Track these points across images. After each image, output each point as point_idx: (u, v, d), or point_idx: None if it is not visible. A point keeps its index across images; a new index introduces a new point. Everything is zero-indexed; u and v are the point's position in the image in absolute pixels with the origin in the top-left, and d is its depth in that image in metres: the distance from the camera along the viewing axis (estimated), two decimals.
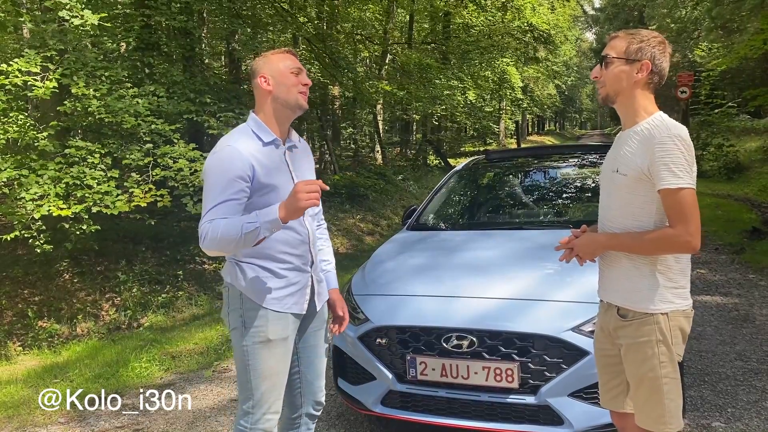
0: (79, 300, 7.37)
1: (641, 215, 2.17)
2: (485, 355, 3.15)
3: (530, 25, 23.73)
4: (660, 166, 2.05)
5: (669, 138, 2.05)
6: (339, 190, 13.46)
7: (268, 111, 2.43)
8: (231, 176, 2.27)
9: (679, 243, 2.08)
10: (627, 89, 2.20)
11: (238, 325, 2.43)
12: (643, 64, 2.16)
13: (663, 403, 2.16)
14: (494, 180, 5.54)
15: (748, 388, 4.03)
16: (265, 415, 2.43)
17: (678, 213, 2.06)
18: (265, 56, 2.46)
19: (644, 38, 2.18)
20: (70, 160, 6.09)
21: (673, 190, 2.05)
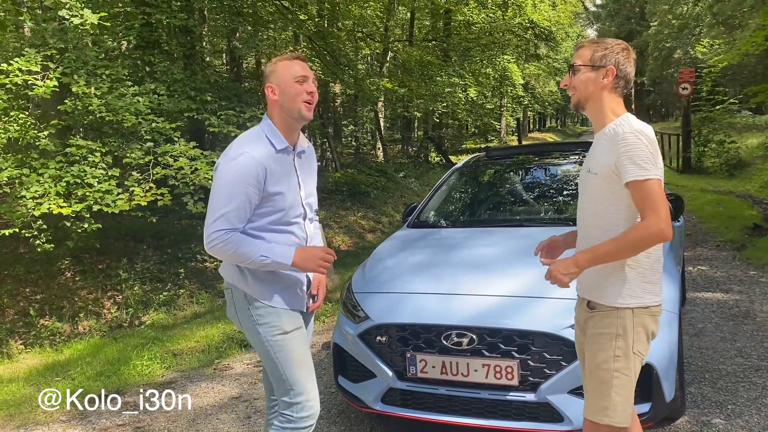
0: (80, 298, 7.38)
1: (613, 213, 2.24)
2: (485, 352, 3.15)
3: (531, 22, 23.71)
4: (625, 160, 2.14)
5: (631, 133, 2.14)
6: (340, 188, 13.46)
7: (278, 119, 2.48)
8: (246, 184, 2.33)
9: (653, 234, 2.11)
10: (595, 94, 2.31)
11: (251, 325, 2.48)
12: (608, 70, 2.27)
13: (610, 396, 2.23)
14: (495, 177, 5.53)
15: (749, 385, 4.03)
16: (308, 402, 2.50)
17: (648, 203, 2.12)
18: (274, 63, 2.49)
19: (608, 46, 2.29)
20: (71, 159, 6.10)
21: (640, 182, 2.12)
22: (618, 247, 2.16)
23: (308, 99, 2.44)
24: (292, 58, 2.48)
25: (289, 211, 2.48)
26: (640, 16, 48.80)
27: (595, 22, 60.86)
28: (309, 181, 2.64)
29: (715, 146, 17.77)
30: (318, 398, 2.56)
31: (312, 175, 2.69)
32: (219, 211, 2.33)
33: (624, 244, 2.15)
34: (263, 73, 2.52)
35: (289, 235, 2.49)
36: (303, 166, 2.60)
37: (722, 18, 28.92)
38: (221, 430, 3.99)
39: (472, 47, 20.27)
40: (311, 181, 2.67)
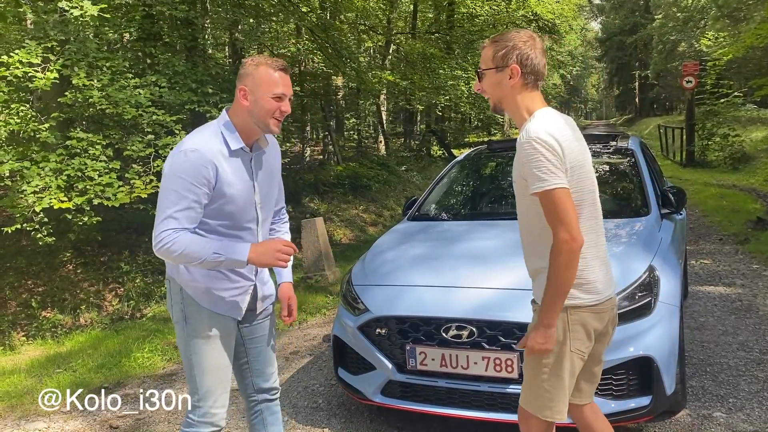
0: (82, 290, 7.40)
1: (533, 217, 2.18)
2: (485, 345, 3.14)
3: (535, 15, 23.58)
4: (526, 171, 2.08)
5: (527, 142, 2.05)
6: (342, 181, 13.44)
7: (241, 121, 2.33)
8: (195, 183, 2.20)
9: (569, 249, 2.04)
10: (507, 96, 2.20)
11: (180, 320, 2.41)
12: (512, 69, 2.15)
13: (540, 390, 2.23)
14: (496, 170, 5.51)
15: (750, 379, 4.01)
16: (212, 409, 2.43)
17: (553, 215, 2.05)
18: (255, 65, 2.30)
19: (508, 42, 2.16)
20: (72, 152, 6.09)
21: (542, 193, 2.05)
22: (557, 283, 2.08)
23: (279, 117, 2.31)
24: (276, 69, 2.29)
25: (239, 215, 2.37)
26: (645, 9, 48.61)
27: (599, 15, 60.67)
28: (267, 182, 2.49)
29: (719, 140, 17.70)
30: (225, 408, 2.48)
31: (271, 178, 2.53)
32: (167, 212, 2.20)
33: (558, 276, 2.07)
34: (240, 69, 2.33)
35: (236, 240, 2.36)
36: (261, 166, 2.45)
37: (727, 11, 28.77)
38: None
39: (475, 39, 20.19)
40: (270, 182, 2.52)
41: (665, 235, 3.88)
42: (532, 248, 2.28)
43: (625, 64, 55.02)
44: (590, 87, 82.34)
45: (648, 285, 3.24)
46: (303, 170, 14.74)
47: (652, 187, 4.36)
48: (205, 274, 2.37)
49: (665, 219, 4.14)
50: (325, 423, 3.83)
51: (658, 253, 3.52)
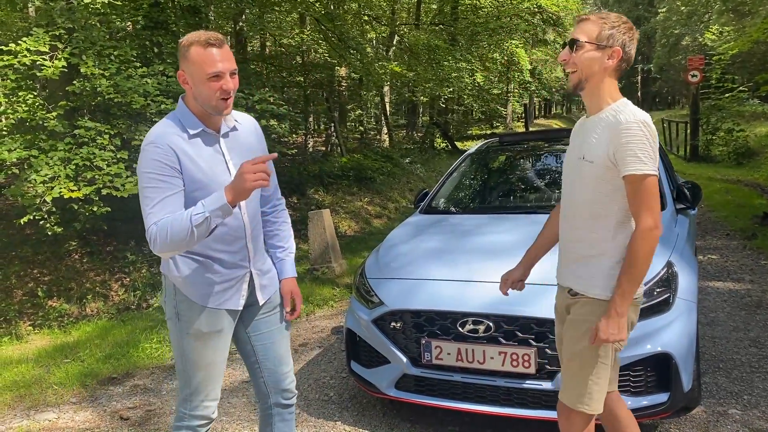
0: (88, 280, 7.37)
1: (608, 203, 2.16)
2: (502, 340, 3.12)
3: (539, 7, 23.44)
4: (626, 151, 2.05)
5: (635, 123, 2.04)
6: (347, 173, 13.39)
7: (194, 105, 2.22)
8: (161, 173, 2.11)
9: (652, 236, 2.05)
10: (597, 75, 2.17)
11: (173, 316, 2.34)
12: (614, 51, 2.14)
13: (587, 383, 2.20)
14: (508, 163, 5.48)
15: (764, 375, 4.00)
16: (203, 402, 2.38)
17: (643, 200, 2.06)
18: (186, 46, 2.15)
19: (615, 24, 2.15)
20: (80, 141, 6.05)
21: (639, 177, 2.05)
22: (636, 271, 2.07)
23: (224, 96, 2.15)
24: (206, 45, 2.12)
25: None
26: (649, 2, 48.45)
27: (603, 8, 60.43)
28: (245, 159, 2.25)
29: (723, 134, 17.65)
30: (217, 400, 2.42)
31: (251, 152, 2.35)
32: (146, 210, 2.10)
33: (639, 263, 2.07)
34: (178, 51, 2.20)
35: (221, 227, 2.24)
36: (236, 147, 2.31)
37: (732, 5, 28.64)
38: (232, 414, 3.98)
39: (479, 31, 20.08)
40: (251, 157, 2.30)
41: (681, 230, 3.85)
42: (584, 233, 2.23)
43: None
44: None
45: (666, 281, 3.21)
46: (307, 162, 14.69)
47: (667, 182, 4.32)
48: (194, 268, 2.27)
49: (680, 214, 4.11)
50: (338, 416, 3.81)
51: (675, 249, 3.49)
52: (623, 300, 2.10)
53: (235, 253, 2.33)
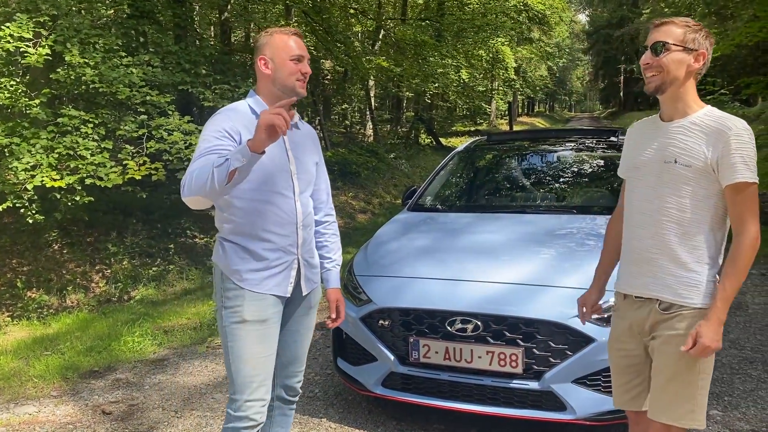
0: (68, 271, 7.27)
1: (703, 208, 2.12)
2: (490, 339, 3.14)
3: (525, 5, 23.56)
4: (736, 158, 2.03)
5: (746, 131, 2.04)
6: (331, 167, 13.31)
7: (267, 92, 2.38)
8: (216, 132, 2.23)
9: (756, 245, 2.04)
10: (682, 79, 2.14)
11: (219, 305, 2.38)
12: (700, 54, 2.13)
13: (696, 398, 2.14)
14: (497, 162, 5.49)
15: (744, 377, 4.06)
16: (247, 402, 2.33)
17: (750, 209, 2.05)
18: (270, 34, 2.37)
19: (697, 28, 2.14)
20: (63, 129, 5.95)
21: (748, 184, 2.03)
22: (739, 278, 2.05)
23: (302, 79, 2.35)
24: (290, 33, 2.37)
25: (271, 180, 2.33)
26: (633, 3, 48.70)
27: (587, 7, 60.80)
28: (303, 158, 2.46)
29: None
30: (264, 402, 2.37)
31: (310, 155, 2.52)
32: (192, 163, 2.20)
33: (742, 271, 2.04)
34: (255, 44, 2.41)
35: (275, 209, 2.33)
36: (296, 141, 2.46)
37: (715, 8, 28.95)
38: (217, 409, 3.95)
39: (465, 28, 20.10)
40: (308, 159, 2.49)
41: None
42: (679, 237, 2.14)
43: (611, 58, 55.13)
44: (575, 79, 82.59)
45: None
46: None
47: None
48: (241, 252, 2.33)
49: None
50: (323, 413, 3.80)
51: None
52: (726, 306, 2.06)
53: (285, 236, 2.37)
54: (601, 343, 2.96)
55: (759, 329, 4.95)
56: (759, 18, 12.92)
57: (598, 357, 2.97)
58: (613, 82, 58.90)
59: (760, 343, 4.65)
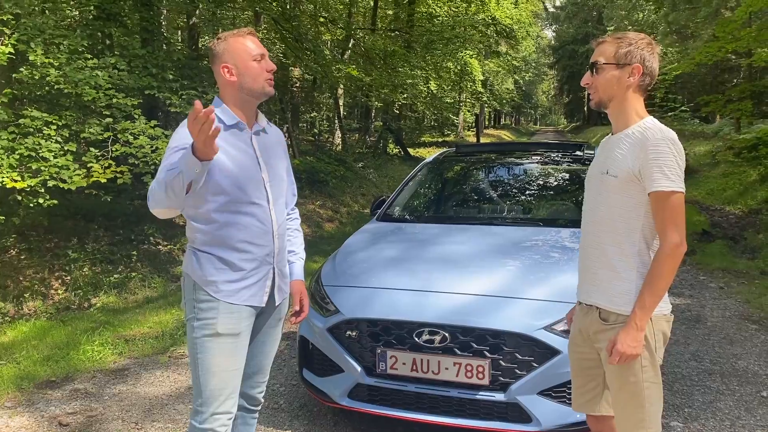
0: (26, 277, 7.06)
1: (632, 218, 2.16)
2: (457, 350, 3.14)
3: (493, 19, 23.86)
4: (653, 168, 2.07)
5: (663, 141, 2.07)
6: (299, 175, 13.26)
7: (233, 100, 2.32)
8: (184, 145, 2.13)
9: (678, 253, 2.07)
10: (619, 93, 2.21)
11: (191, 317, 2.32)
12: (633, 68, 2.17)
13: (644, 407, 2.17)
14: (466, 174, 5.53)
15: (703, 389, 4.15)
16: (213, 415, 2.30)
17: (670, 217, 2.07)
18: (224, 40, 2.30)
19: (632, 41, 2.18)
20: (24, 131, 5.79)
21: (666, 193, 2.06)
22: (659, 286, 2.08)
23: (269, 77, 2.32)
24: (245, 34, 2.31)
25: (243, 189, 2.28)
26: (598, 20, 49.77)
27: (553, 23, 61.91)
28: (274, 163, 2.43)
29: None
30: (230, 416, 2.35)
31: (279, 159, 2.49)
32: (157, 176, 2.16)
33: (661, 279, 2.08)
34: (211, 52, 2.33)
35: (251, 219, 2.30)
36: (265, 147, 2.41)
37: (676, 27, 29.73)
38: (179, 420, 3.87)
39: (434, 39, 20.27)
40: (278, 164, 2.46)
41: None
42: (612, 246, 2.21)
43: (576, 73, 56.13)
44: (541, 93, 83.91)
45: None
46: None
47: None
48: (217, 263, 2.28)
49: None
50: (287, 425, 3.76)
51: None
52: (644, 313, 2.10)
53: (263, 246, 2.35)
54: (566, 355, 2.98)
55: (717, 342, 5.07)
56: (718, 38, 13.30)
57: (564, 369, 3.00)
58: (577, 96, 59.97)
59: (719, 356, 4.76)
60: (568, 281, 3.33)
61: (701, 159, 18.40)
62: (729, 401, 3.95)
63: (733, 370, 4.48)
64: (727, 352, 4.84)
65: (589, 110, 55.81)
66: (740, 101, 15.28)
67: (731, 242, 9.06)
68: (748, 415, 3.77)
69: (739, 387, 4.17)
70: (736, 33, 12.45)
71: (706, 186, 15.29)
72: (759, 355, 4.77)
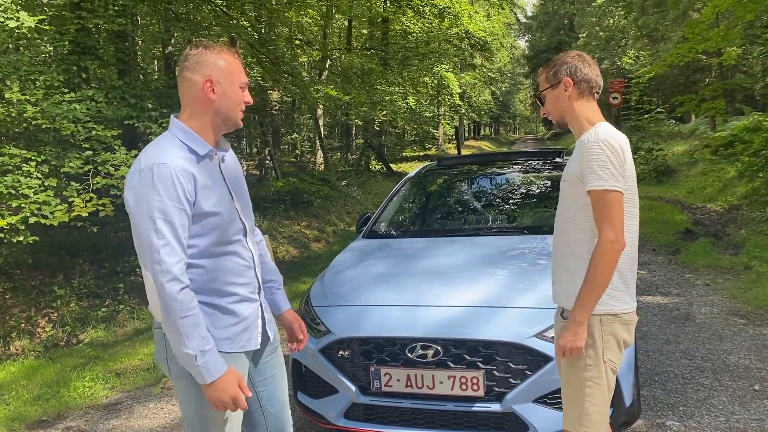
0: (12, 317, 6.97)
1: (580, 218, 2.29)
2: (450, 364, 3.14)
3: (467, 32, 24.12)
4: (587, 168, 2.19)
5: (596, 143, 2.19)
6: (283, 197, 13.27)
7: (204, 120, 2.04)
8: (176, 203, 1.89)
9: (612, 249, 2.14)
10: (566, 108, 2.38)
11: (185, 374, 2.02)
12: (563, 82, 2.34)
13: (583, 405, 2.26)
14: (449, 186, 5.57)
15: (696, 386, 4.18)
16: None
17: (604, 214, 2.17)
18: (216, 52, 2.03)
19: (557, 61, 2.38)
20: (3, 169, 5.75)
21: (599, 192, 2.17)
22: (595, 282, 2.16)
23: (244, 109, 2.12)
24: (235, 54, 2.08)
25: (227, 228, 2.05)
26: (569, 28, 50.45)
27: (526, 33, 62.62)
28: (239, 189, 2.19)
29: (644, 153, 18.50)
30: None
31: (241, 183, 2.23)
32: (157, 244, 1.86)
33: (597, 274, 2.16)
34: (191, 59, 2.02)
35: (234, 258, 2.08)
36: (229, 172, 2.15)
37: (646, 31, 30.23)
38: None
39: (410, 56, 20.46)
40: (242, 189, 2.21)
41: None
42: (566, 247, 2.35)
43: None
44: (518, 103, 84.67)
45: None
46: None
47: None
48: (211, 313, 2.04)
49: None
50: None
51: None
52: (582, 308, 2.19)
53: (248, 284, 2.16)
54: None
55: (707, 338, 5.11)
56: (688, 39, 13.55)
57: (557, 375, 3.00)
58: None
59: (710, 352, 4.80)
60: None
61: (680, 158, 18.64)
62: (723, 397, 3.98)
63: (725, 365, 4.52)
64: (718, 348, 4.88)
65: None
66: (713, 100, 15.56)
67: (714, 239, 9.17)
68: (742, 409, 3.80)
69: (732, 382, 4.21)
70: (704, 33, 12.71)
71: (686, 185, 15.48)
72: (749, 349, 4.82)
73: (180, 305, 1.88)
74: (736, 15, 11.80)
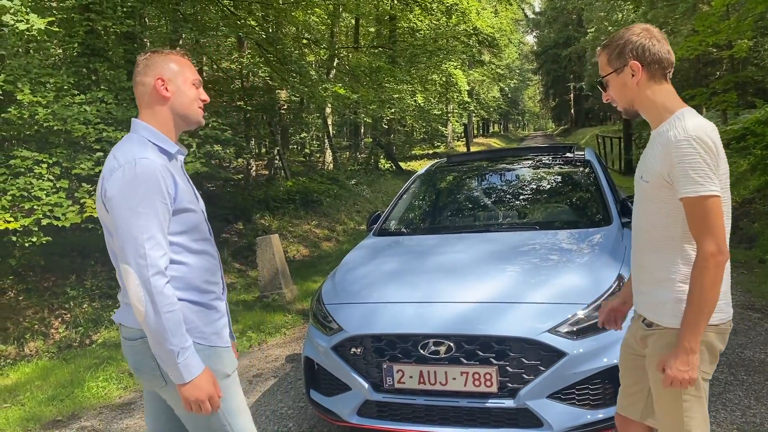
0: (26, 318, 7.02)
1: (669, 224, 2.02)
2: (463, 360, 3.13)
3: (475, 29, 24.07)
4: (678, 172, 1.91)
5: (685, 140, 1.89)
6: (292, 197, 13.29)
7: (164, 119, 2.06)
8: (160, 197, 1.91)
9: (716, 263, 1.88)
10: (636, 96, 2.08)
11: None
12: (630, 66, 2.04)
13: (682, 420, 2.05)
14: (459, 183, 5.55)
15: (712, 381, 4.12)
16: None
17: (703, 224, 1.90)
18: (163, 55, 2.09)
19: (620, 40, 2.06)
20: (15, 171, 5.79)
21: (694, 199, 1.89)
22: (702, 302, 1.89)
23: (202, 106, 2.15)
24: (183, 55, 2.14)
25: (202, 226, 2.10)
26: (578, 23, 50.22)
27: (534, 29, 62.43)
28: (196, 191, 2.18)
29: None
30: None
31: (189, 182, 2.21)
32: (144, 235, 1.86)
33: (703, 293, 1.89)
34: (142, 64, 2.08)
35: (208, 257, 2.10)
36: (187, 174, 2.20)
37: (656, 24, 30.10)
38: None
39: (418, 53, 20.44)
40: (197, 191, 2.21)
41: (629, 243, 3.96)
42: (650, 256, 2.10)
43: (560, 77, 56.71)
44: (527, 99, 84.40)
45: None
46: (251, 187, 14.51)
47: (612, 197, 4.47)
48: (196, 310, 2.05)
49: (626, 228, 4.24)
50: None
51: (624, 262, 3.59)
52: (692, 334, 1.91)
53: (218, 284, 2.18)
54: (572, 357, 2.98)
55: None
56: (698, 32, 13.42)
57: (571, 371, 2.99)
58: (563, 99, 60.44)
59: (725, 347, 4.74)
60: (569, 283, 3.35)
61: None
62: (738, 391, 3.95)
63: (740, 360, 4.48)
64: (733, 342, 4.84)
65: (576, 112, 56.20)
66: (725, 93, 15.39)
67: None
68: (758, 404, 3.76)
69: (747, 376, 4.17)
70: (715, 26, 12.58)
71: None
72: (764, 343, 4.77)
73: (166, 299, 1.88)
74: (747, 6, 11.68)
